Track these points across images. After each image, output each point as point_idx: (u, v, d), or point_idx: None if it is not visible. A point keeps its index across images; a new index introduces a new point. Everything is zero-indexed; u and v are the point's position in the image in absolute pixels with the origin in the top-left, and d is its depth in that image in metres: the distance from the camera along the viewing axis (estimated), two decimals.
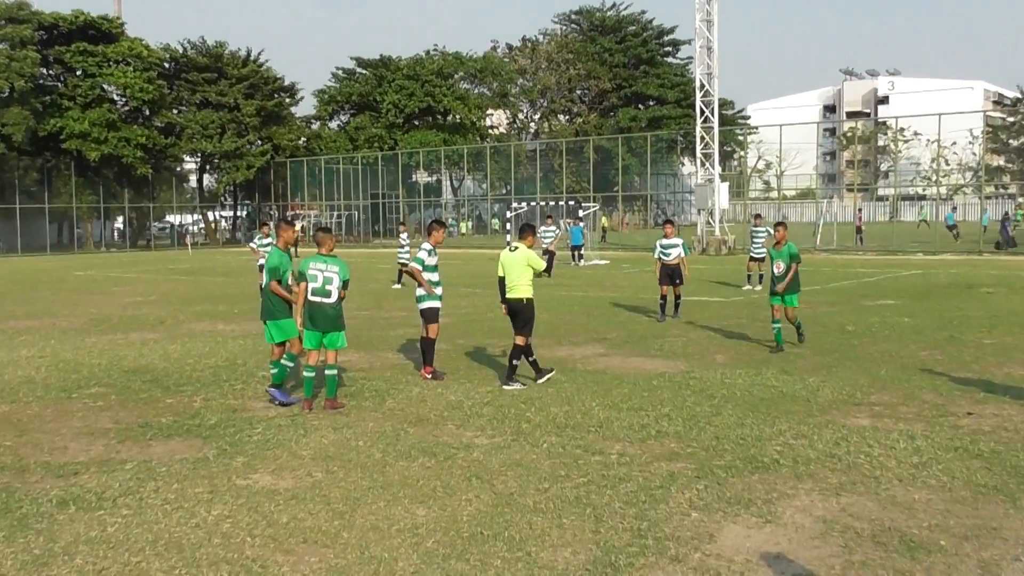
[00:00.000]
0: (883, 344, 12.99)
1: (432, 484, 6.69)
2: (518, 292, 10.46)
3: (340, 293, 9.26)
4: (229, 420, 8.87)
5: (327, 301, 9.24)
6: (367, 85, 68.17)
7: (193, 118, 59.01)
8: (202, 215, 67.55)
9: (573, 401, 9.42)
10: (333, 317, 9.25)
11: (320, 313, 9.25)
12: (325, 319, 9.24)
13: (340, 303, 9.29)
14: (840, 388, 9.87)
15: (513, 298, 10.49)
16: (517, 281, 10.44)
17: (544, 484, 6.64)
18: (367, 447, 7.77)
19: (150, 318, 17.82)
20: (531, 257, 10.45)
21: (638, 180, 71.46)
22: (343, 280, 9.28)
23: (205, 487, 6.73)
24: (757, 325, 15.26)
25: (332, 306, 9.24)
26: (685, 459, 7.24)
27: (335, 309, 9.24)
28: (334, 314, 9.25)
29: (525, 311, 10.45)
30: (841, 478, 6.68)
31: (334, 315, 9.25)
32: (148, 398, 10.02)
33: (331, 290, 9.23)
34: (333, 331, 9.27)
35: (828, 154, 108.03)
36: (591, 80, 75.85)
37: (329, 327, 9.25)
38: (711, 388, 10.01)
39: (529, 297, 10.48)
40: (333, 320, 9.25)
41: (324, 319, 9.24)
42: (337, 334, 9.30)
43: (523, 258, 10.44)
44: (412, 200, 63.10)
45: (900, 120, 65.60)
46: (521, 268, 10.40)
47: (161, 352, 13.26)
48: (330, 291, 9.23)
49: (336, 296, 9.24)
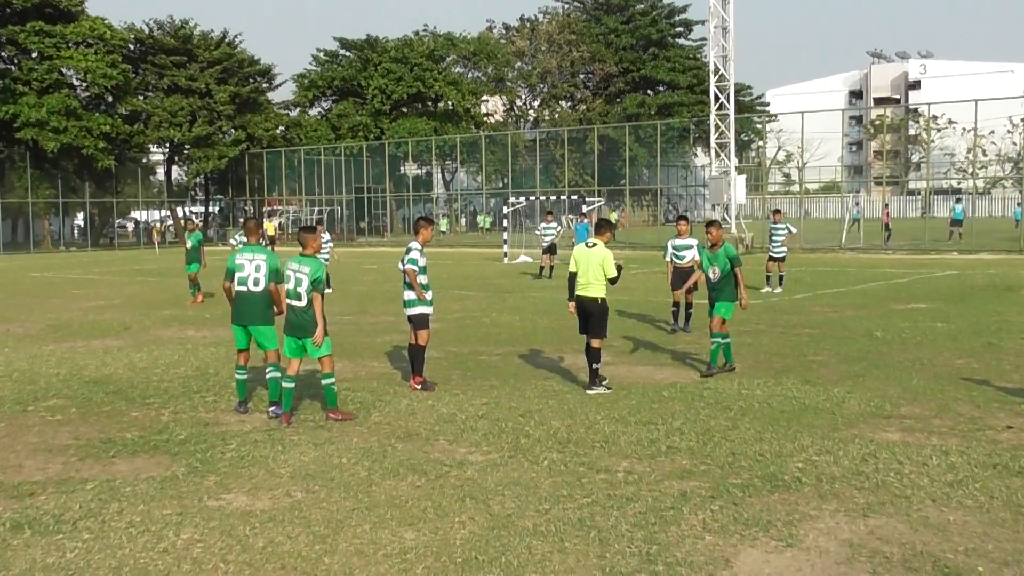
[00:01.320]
0: (915, 351, 13.01)
1: (422, 505, 6.69)
2: (591, 290, 10.59)
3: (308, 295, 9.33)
4: (200, 435, 8.87)
5: (298, 304, 9.31)
6: (351, 69, 68.28)
7: (160, 105, 59.02)
8: (170, 211, 67.55)
9: (576, 414, 9.43)
10: (306, 322, 9.30)
11: (293, 317, 9.33)
12: (300, 324, 9.29)
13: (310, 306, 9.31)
14: (868, 399, 9.89)
15: (585, 296, 10.62)
16: (591, 279, 10.57)
17: (545, 505, 6.65)
18: (351, 464, 7.77)
19: (113, 324, 17.81)
20: (606, 259, 10.51)
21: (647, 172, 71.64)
22: (311, 281, 9.30)
23: (174, 508, 6.73)
24: (776, 331, 15.28)
25: (303, 310, 9.32)
26: (698, 477, 7.24)
27: (306, 314, 9.31)
28: (307, 319, 9.30)
29: (598, 311, 10.56)
30: (869, 498, 6.69)
31: (307, 320, 9.30)
32: (111, 411, 10.01)
33: (301, 292, 9.30)
34: (307, 336, 9.32)
35: (854, 144, 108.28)
36: (595, 63, 75.98)
37: (303, 333, 9.31)
38: (727, 399, 10.02)
39: (603, 296, 10.62)
40: (304, 326, 9.31)
41: (298, 325, 9.30)
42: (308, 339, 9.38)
43: (599, 257, 10.54)
44: (400, 195, 63.16)
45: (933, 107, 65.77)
46: (596, 266, 10.51)
47: (125, 361, 13.25)
48: (300, 293, 9.30)
49: (306, 299, 9.29)
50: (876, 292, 21.91)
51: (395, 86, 65.51)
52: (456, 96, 66.77)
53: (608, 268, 10.52)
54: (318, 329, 9.25)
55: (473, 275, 29.31)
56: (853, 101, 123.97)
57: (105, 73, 53.68)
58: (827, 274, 27.61)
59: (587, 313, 10.65)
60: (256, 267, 9.53)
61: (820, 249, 40.07)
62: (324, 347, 9.36)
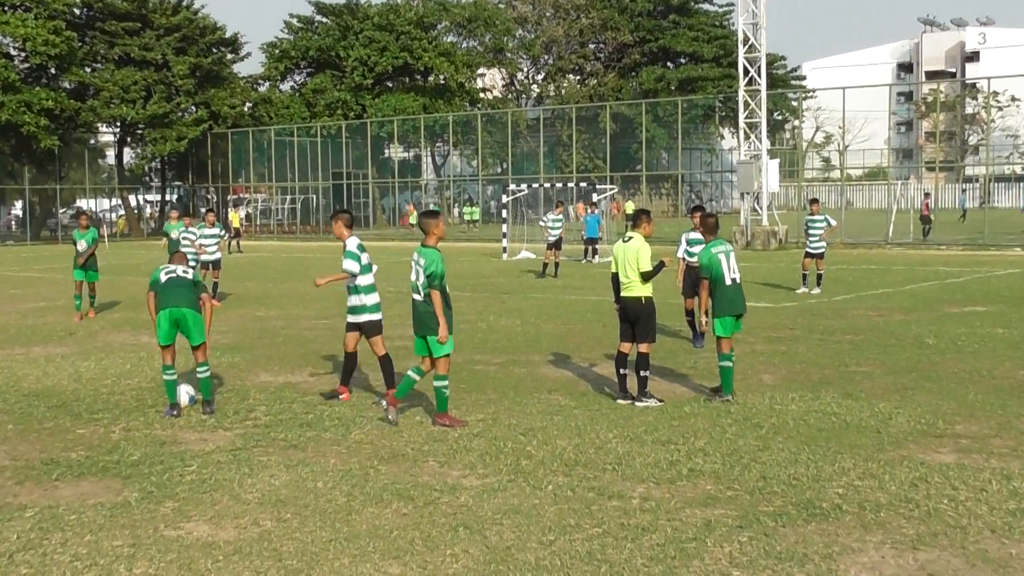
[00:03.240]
0: (971, 361, 13.02)
1: (409, 536, 6.70)
2: (634, 290, 10.60)
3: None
4: (156, 455, 8.88)
5: (416, 298, 9.95)
6: (328, 37, 68.28)
7: (111, 78, 59.02)
8: (122, 199, 67.59)
9: (585, 432, 9.45)
10: (427, 317, 9.94)
11: (415, 311, 10.06)
12: (420, 320, 9.97)
13: (429, 301, 9.84)
14: (918, 416, 9.90)
15: (629, 297, 10.64)
16: (632, 277, 10.57)
17: (549, 535, 6.65)
18: (328, 489, 7.78)
19: (57, 328, 17.82)
20: (640, 252, 10.50)
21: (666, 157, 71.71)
22: (427, 275, 9.74)
23: (125, 539, 6.73)
24: (814, 338, 15.29)
25: (422, 303, 9.86)
26: (724, 504, 7.25)
27: (427, 307, 9.91)
28: (428, 313, 9.91)
29: (644, 313, 10.58)
30: (919, 528, 6.70)
31: (427, 314, 9.92)
32: (54, 428, 10.02)
33: (419, 286, 9.83)
34: (430, 333, 9.82)
35: (903, 124, 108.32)
36: (608, 32, 76.04)
37: (425, 329, 9.89)
38: (757, 416, 10.03)
39: (648, 296, 10.65)
40: (426, 322, 9.92)
41: (419, 320, 9.97)
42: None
43: (634, 251, 10.54)
44: (384, 181, 63.27)
45: (994, 81, 65.70)
46: (632, 261, 10.53)
47: (71, 370, 13.26)
48: (418, 287, 9.85)
49: (423, 293, 9.80)
50: (927, 293, 21.92)
51: (379, 57, 65.52)
52: (448, 69, 66.76)
53: (642, 262, 10.49)
54: (440, 327, 9.63)
55: (468, 273, 29.33)
56: (902, 75, 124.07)
57: (47, 40, 53.64)
58: (871, 272, 27.63)
59: (633, 316, 10.66)
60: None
61: (863, 244, 40.10)
62: (447, 345, 9.72)
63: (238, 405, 10.93)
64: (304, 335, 16.38)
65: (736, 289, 10.92)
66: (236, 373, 12.94)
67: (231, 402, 11.09)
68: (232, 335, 16.26)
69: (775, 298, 21.06)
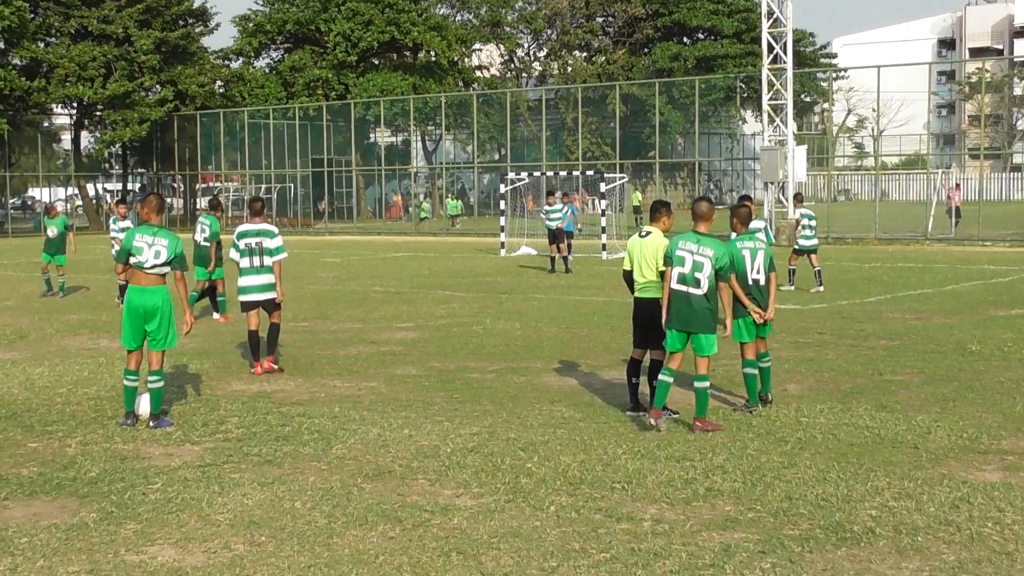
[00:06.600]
0: (1019, 370, 13.04)
1: (396, 561, 6.70)
2: (650, 291, 10.58)
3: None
4: (116, 471, 8.88)
5: (695, 292, 10.02)
6: (308, 10, 68.24)
7: (66, 54, 58.98)
8: (79, 188, 67.58)
9: (591, 447, 9.45)
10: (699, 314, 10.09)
11: (682, 307, 10.11)
12: (689, 317, 10.10)
13: (712, 297, 10.05)
14: (959, 430, 9.91)
15: (644, 299, 10.64)
16: (649, 277, 10.57)
17: (551, 561, 6.66)
18: (307, 510, 7.78)
19: (7, 331, 17.82)
20: (660, 249, 10.45)
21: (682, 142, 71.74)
22: (715, 268, 9.96)
23: (82, 564, 6.74)
24: (845, 343, 15.30)
25: (701, 299, 9.99)
26: (745, 527, 7.27)
27: (707, 304, 10.07)
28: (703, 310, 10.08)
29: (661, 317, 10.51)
30: (960, 554, 6.71)
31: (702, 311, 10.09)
32: (3, 441, 10.01)
33: (700, 279, 9.95)
34: (697, 332, 10.04)
35: (944, 107, 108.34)
36: (617, 4, 76.02)
37: (691, 326, 10.06)
38: (782, 430, 10.04)
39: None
40: (695, 319, 10.06)
41: (687, 317, 10.09)
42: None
43: (652, 248, 10.55)
44: (369, 168, 63.29)
45: None
46: (650, 259, 10.54)
47: (22, 378, 13.25)
48: (699, 280, 9.95)
49: (706, 286, 9.95)
50: (970, 294, 21.93)
51: (363, 32, 65.51)
52: (440, 45, 66.75)
53: (661, 260, 10.39)
54: (728, 321, 10.10)
55: (462, 271, 29.33)
56: (943, 52, 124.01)
57: None
58: (909, 271, 27.64)
59: (649, 320, 10.58)
60: (156, 253, 10.41)
61: (900, 240, 40.12)
62: (715, 345, 10.05)
63: (207, 416, 10.92)
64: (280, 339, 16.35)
65: (758, 291, 10.92)
66: (205, 381, 12.94)
67: (199, 413, 11.08)
68: (201, 339, 16.26)
69: (802, 299, 21.04)
